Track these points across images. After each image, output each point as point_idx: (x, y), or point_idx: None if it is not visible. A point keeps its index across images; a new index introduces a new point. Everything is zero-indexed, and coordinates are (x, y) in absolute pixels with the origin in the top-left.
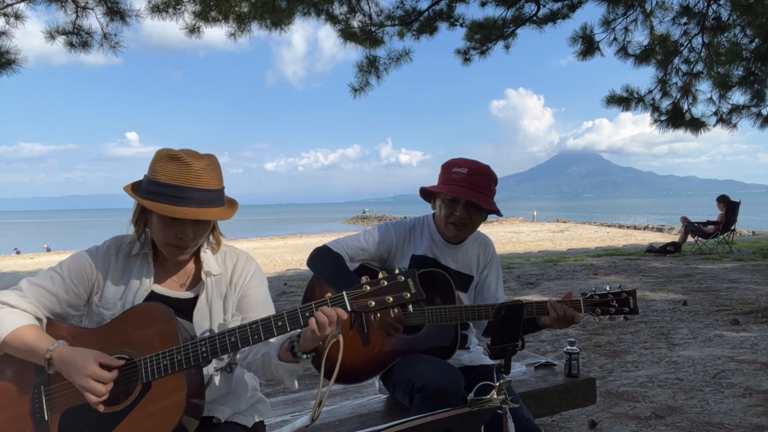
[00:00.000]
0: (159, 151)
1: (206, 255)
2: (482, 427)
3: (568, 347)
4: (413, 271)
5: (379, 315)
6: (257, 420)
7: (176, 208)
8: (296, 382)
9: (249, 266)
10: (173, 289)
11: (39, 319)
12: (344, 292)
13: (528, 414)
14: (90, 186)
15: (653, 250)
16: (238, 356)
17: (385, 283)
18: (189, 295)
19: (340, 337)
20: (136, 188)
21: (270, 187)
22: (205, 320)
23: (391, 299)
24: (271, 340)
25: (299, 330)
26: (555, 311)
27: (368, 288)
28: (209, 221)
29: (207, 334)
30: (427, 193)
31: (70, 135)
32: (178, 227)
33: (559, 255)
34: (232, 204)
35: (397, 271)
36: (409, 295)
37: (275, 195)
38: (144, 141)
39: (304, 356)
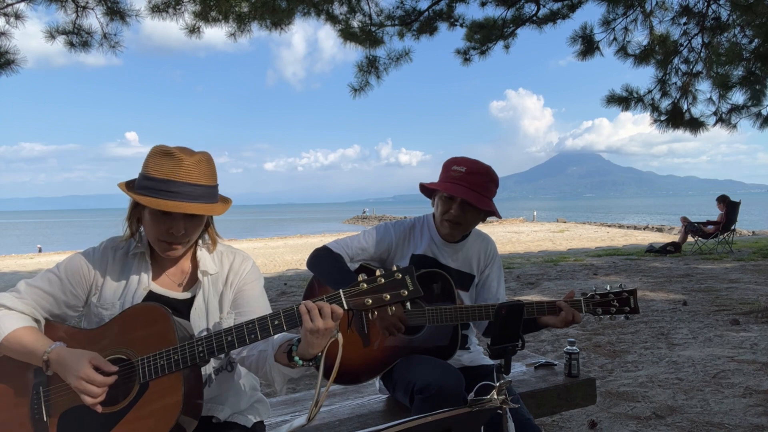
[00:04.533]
0: (154, 147)
1: (202, 254)
2: (482, 427)
3: (568, 347)
4: (411, 267)
5: (376, 313)
6: (256, 420)
7: (166, 201)
8: (285, 389)
9: (245, 264)
10: (170, 288)
11: (37, 321)
12: (341, 290)
13: (528, 414)
14: (90, 186)
15: (653, 250)
16: (233, 352)
17: (383, 280)
18: (186, 295)
19: (339, 336)
20: (130, 185)
21: (270, 187)
22: (202, 319)
23: (389, 297)
24: (274, 337)
25: (299, 336)
26: (562, 312)
27: (365, 286)
28: (201, 217)
29: (204, 333)
30: (427, 191)
31: (71, 135)
32: (170, 222)
33: (559, 255)
34: (225, 201)
35: (394, 268)
36: (406, 292)
37: (275, 195)
38: (144, 141)
39: (300, 361)
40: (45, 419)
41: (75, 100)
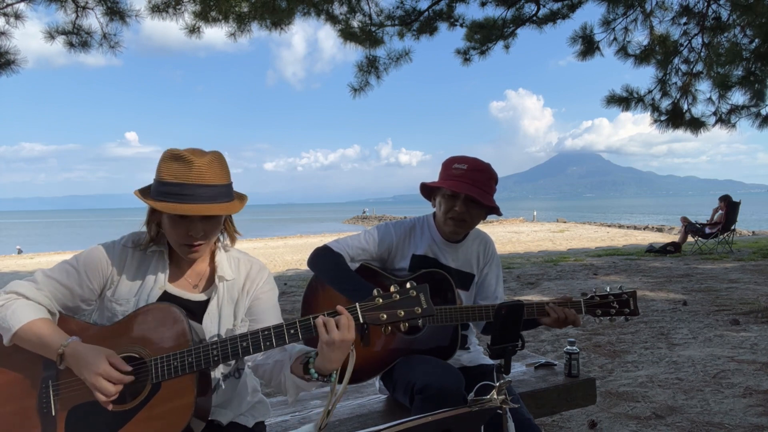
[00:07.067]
0: (165, 152)
1: (221, 257)
2: (482, 427)
3: (568, 347)
4: (425, 286)
5: (390, 328)
6: (258, 420)
7: (181, 205)
8: (296, 399)
9: (262, 273)
10: (186, 289)
11: (52, 314)
12: (357, 304)
13: (528, 414)
14: (90, 186)
15: (653, 250)
16: (247, 358)
17: (398, 297)
18: (201, 297)
19: (353, 350)
20: (146, 191)
21: (270, 187)
22: (214, 324)
23: (403, 313)
24: (287, 347)
25: (317, 350)
26: (555, 313)
27: (380, 301)
28: (218, 218)
29: (215, 338)
30: (427, 191)
31: (71, 135)
32: (188, 225)
33: (559, 255)
34: (242, 198)
35: (408, 285)
36: (420, 310)
37: (275, 195)
38: (144, 141)
39: (315, 375)
40: (53, 413)
41: (75, 100)
